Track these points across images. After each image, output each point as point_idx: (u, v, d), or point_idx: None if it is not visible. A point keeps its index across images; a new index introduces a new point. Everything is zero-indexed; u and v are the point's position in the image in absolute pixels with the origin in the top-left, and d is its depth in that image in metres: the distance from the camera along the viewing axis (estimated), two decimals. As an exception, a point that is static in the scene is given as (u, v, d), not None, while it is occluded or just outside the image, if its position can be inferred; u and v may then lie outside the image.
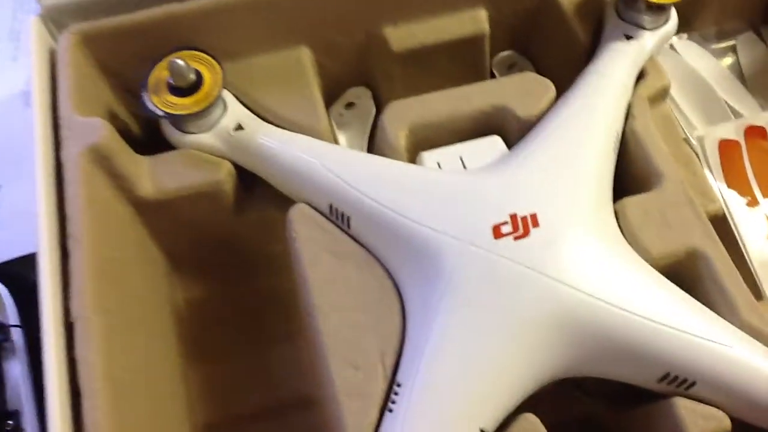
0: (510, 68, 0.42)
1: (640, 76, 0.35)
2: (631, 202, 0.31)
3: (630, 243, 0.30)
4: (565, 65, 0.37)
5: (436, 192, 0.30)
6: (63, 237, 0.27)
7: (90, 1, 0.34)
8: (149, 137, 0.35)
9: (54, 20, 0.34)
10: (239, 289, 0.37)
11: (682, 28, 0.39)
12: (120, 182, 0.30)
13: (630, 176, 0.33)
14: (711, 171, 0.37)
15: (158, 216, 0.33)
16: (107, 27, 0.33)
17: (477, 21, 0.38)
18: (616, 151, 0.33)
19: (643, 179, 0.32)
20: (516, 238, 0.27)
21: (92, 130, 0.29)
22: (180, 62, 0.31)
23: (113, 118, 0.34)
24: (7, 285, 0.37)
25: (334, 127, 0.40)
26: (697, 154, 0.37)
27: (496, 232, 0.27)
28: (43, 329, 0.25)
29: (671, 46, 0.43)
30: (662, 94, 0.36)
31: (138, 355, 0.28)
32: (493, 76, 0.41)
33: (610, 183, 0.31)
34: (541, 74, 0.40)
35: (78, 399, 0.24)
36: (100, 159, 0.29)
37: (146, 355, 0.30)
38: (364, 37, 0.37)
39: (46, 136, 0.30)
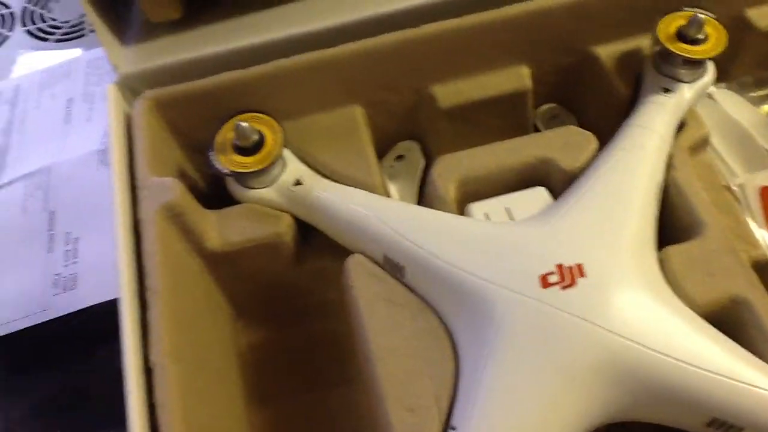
0: (552, 120, 0.43)
1: (680, 127, 0.36)
2: (674, 250, 0.32)
3: (674, 291, 0.31)
4: (606, 117, 0.39)
5: (484, 243, 0.31)
6: (141, 289, 0.30)
7: (160, 68, 0.37)
8: (215, 193, 0.37)
9: (129, 86, 0.37)
10: (298, 334, 0.39)
11: (719, 77, 0.40)
12: (191, 236, 0.33)
13: (673, 225, 0.34)
14: (753, 217, 0.38)
15: (224, 267, 0.35)
16: (177, 92, 0.36)
17: (520, 77, 0.40)
18: (659, 201, 0.34)
19: (686, 228, 0.33)
20: (563, 288, 0.29)
21: (166, 189, 0.32)
22: (244, 125, 0.33)
23: (182, 176, 0.37)
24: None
25: (385, 178, 0.42)
26: (738, 201, 0.38)
27: (544, 282, 0.29)
28: (126, 373, 0.27)
29: (709, 96, 0.44)
30: (702, 144, 0.37)
31: (209, 400, 0.30)
32: (536, 128, 0.43)
33: (654, 233, 0.33)
34: (583, 126, 0.42)
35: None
36: (174, 216, 0.32)
37: (216, 399, 0.32)
38: (413, 95, 0.39)
39: (124, 195, 0.32)
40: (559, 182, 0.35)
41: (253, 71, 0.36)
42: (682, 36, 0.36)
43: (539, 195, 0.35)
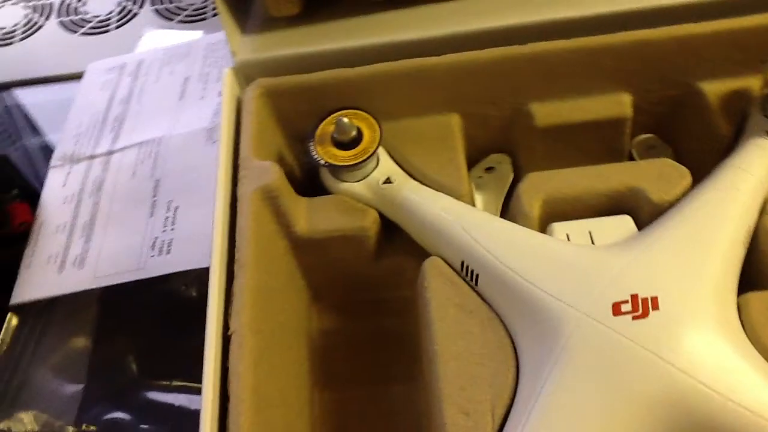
0: (649, 150, 0.43)
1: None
2: (754, 297, 0.31)
3: (750, 339, 0.30)
4: (705, 154, 0.38)
5: (561, 262, 0.32)
6: (231, 260, 0.32)
7: (274, 59, 0.39)
8: (309, 181, 0.39)
9: (243, 73, 0.40)
10: (368, 327, 0.41)
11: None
12: (282, 219, 0.35)
13: (757, 272, 0.33)
14: None
15: (308, 252, 0.37)
16: (287, 83, 0.38)
17: (621, 105, 0.40)
18: (747, 245, 0.33)
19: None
20: (634, 318, 0.29)
21: (265, 172, 0.34)
22: (345, 120, 0.35)
23: (282, 162, 0.39)
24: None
25: (473, 187, 0.43)
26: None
27: (616, 309, 0.29)
28: (207, 337, 0.29)
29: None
30: (803, 191, 0.36)
31: (278, 374, 0.32)
32: (631, 156, 0.43)
33: (736, 276, 0.32)
34: (680, 160, 0.42)
35: (227, 403, 0.28)
36: (269, 198, 0.34)
37: (285, 374, 0.33)
38: (510, 110, 0.40)
39: (227, 173, 0.34)
40: (647, 213, 0.35)
41: (359, 71, 0.38)
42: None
43: (624, 223, 0.35)
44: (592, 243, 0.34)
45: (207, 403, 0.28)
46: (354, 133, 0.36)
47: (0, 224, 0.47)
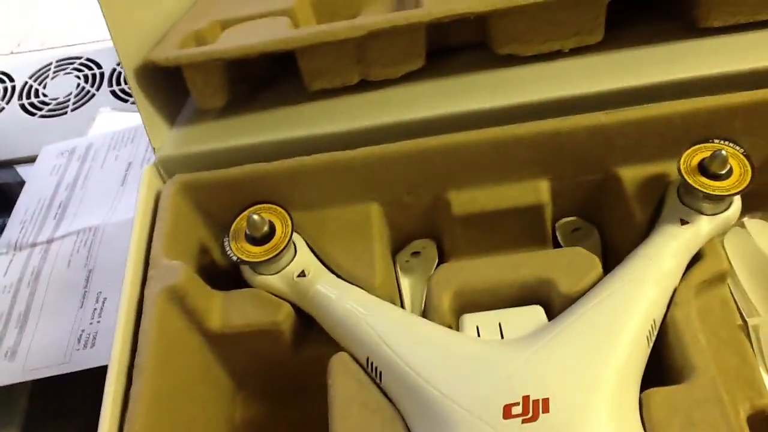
0: (574, 232, 0.43)
1: (697, 258, 0.36)
2: (656, 393, 0.31)
3: (651, 436, 0.30)
4: (627, 237, 0.38)
5: (460, 361, 0.32)
6: (133, 360, 0.32)
7: (196, 154, 0.40)
8: (236, 270, 0.40)
9: (166, 167, 0.40)
10: (292, 414, 0.41)
11: (757, 206, 0.39)
12: (193, 316, 0.35)
13: (664, 366, 0.33)
14: (764, 362, 0.36)
15: (225, 345, 0.37)
16: (206, 179, 0.39)
17: (537, 191, 0.40)
18: (652, 338, 0.33)
19: (675, 371, 0.32)
20: (524, 421, 0.29)
21: (173, 272, 0.34)
22: (255, 217, 0.36)
23: (204, 253, 0.40)
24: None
25: (400, 271, 0.43)
26: (751, 343, 0.37)
27: (506, 412, 0.29)
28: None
29: (742, 225, 0.43)
30: (720, 278, 0.36)
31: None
32: (556, 238, 0.43)
33: (639, 372, 0.32)
34: (606, 241, 0.42)
35: None
36: (176, 298, 0.34)
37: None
38: (430, 199, 0.41)
39: (136, 274, 0.35)
40: (557, 304, 0.35)
41: (277, 165, 0.39)
42: (704, 169, 0.35)
43: (535, 314, 0.35)
44: (501, 335, 0.34)
45: None
46: (265, 228, 0.36)
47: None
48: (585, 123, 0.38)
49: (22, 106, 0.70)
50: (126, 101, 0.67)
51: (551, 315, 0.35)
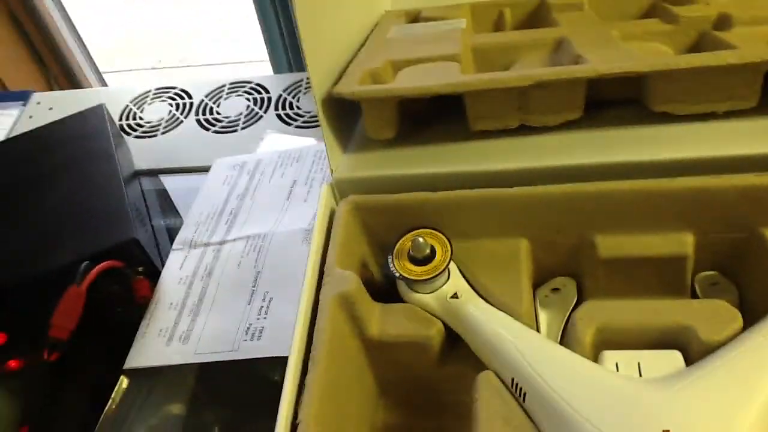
0: (712, 287, 0.44)
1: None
2: (792, 446, 0.32)
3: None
4: (766, 298, 0.40)
5: (603, 392, 0.34)
6: (307, 355, 0.37)
7: (367, 178, 0.45)
8: (390, 285, 0.44)
9: (339, 187, 0.45)
10: (429, 425, 0.44)
11: None
12: (356, 322, 0.40)
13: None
14: None
15: (378, 352, 0.41)
16: (375, 201, 0.44)
17: (682, 243, 0.42)
18: (791, 394, 0.34)
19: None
20: (664, 453, 0.31)
21: (345, 281, 0.39)
22: (420, 240, 0.40)
23: (365, 268, 0.45)
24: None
25: (538, 305, 0.46)
26: None
27: (647, 443, 0.31)
28: (278, 424, 0.33)
29: None
30: None
31: (338, 462, 0.36)
32: (694, 291, 0.45)
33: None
34: (744, 299, 0.43)
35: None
36: (345, 304, 0.39)
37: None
38: (575, 240, 0.43)
39: (313, 278, 0.40)
40: (696, 351, 0.37)
41: (439, 195, 0.43)
42: None
43: (673, 358, 0.37)
44: (640, 374, 0.37)
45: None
46: (427, 251, 0.40)
47: (125, 297, 0.55)
48: (735, 182, 0.40)
49: (198, 122, 0.78)
50: (290, 125, 0.74)
51: (689, 362, 0.37)
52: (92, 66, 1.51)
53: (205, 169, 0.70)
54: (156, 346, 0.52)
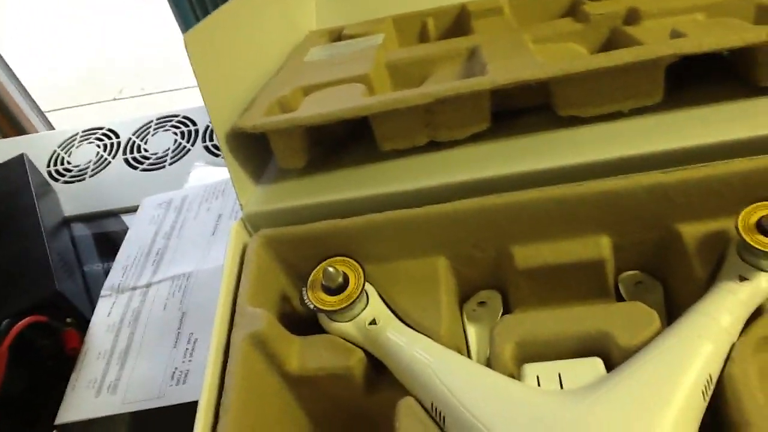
0: (637, 286, 0.44)
1: (757, 314, 0.36)
2: (711, 447, 0.32)
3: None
4: (688, 293, 0.40)
5: (520, 409, 0.34)
6: (219, 399, 0.36)
7: (279, 210, 0.44)
8: (314, 316, 0.43)
9: (252, 222, 0.45)
10: (368, 455, 0.43)
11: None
12: (273, 360, 0.39)
13: (720, 421, 0.34)
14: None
15: (302, 387, 0.40)
16: (287, 233, 0.43)
17: (599, 247, 0.42)
18: (708, 394, 0.34)
19: (732, 427, 0.33)
20: (579, 471, 0.30)
21: (256, 319, 0.38)
22: (331, 269, 0.39)
23: (285, 300, 0.44)
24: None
25: (467, 320, 0.45)
26: (815, 401, 0.37)
27: (561, 463, 0.31)
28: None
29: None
30: (781, 334, 0.37)
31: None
32: (619, 292, 0.44)
33: (694, 425, 0.33)
34: (669, 295, 0.43)
35: None
36: (259, 342, 0.38)
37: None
38: (494, 253, 0.43)
39: (223, 320, 0.39)
40: (616, 357, 0.37)
41: (351, 221, 0.42)
42: (762, 227, 0.36)
43: (594, 366, 0.36)
44: (561, 385, 0.36)
45: None
46: (340, 280, 0.40)
47: (55, 350, 0.53)
48: (644, 182, 0.40)
49: (126, 161, 0.77)
50: (217, 155, 0.73)
51: (610, 367, 0.36)
52: (34, 107, 1.48)
53: (134, 210, 0.69)
54: (86, 398, 0.50)
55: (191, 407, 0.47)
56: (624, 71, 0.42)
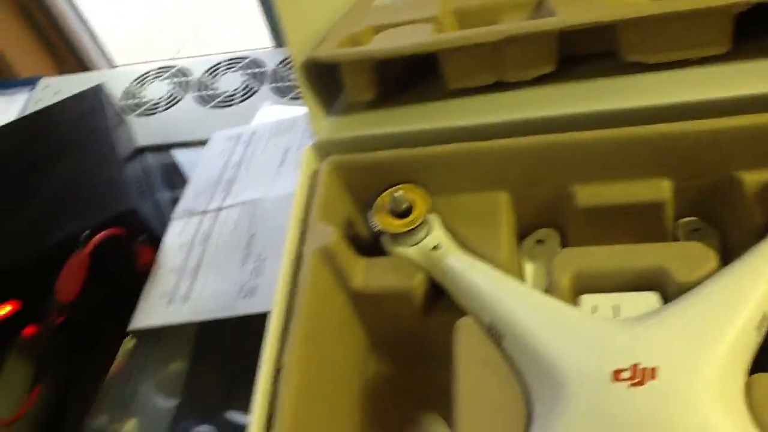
0: (693, 233, 0.45)
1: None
2: (762, 378, 0.33)
3: (753, 417, 0.32)
4: (747, 240, 0.40)
5: (576, 330, 0.35)
6: (290, 307, 0.38)
7: (348, 139, 0.46)
8: (377, 242, 0.45)
9: (322, 149, 0.47)
10: (419, 374, 0.45)
11: None
12: (339, 275, 0.41)
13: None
14: None
15: (364, 304, 0.43)
16: (356, 160, 0.45)
17: (659, 189, 0.42)
18: (763, 330, 0.35)
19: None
20: (631, 385, 0.32)
21: (326, 235, 0.40)
22: (398, 194, 0.41)
23: (350, 226, 0.46)
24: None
25: (524, 258, 0.47)
26: None
27: (616, 376, 0.32)
28: (261, 369, 0.35)
29: None
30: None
31: (322, 406, 0.37)
32: (675, 238, 0.45)
33: (746, 357, 0.34)
34: (725, 243, 0.44)
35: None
36: (327, 257, 0.40)
37: (331, 407, 0.39)
38: (555, 191, 0.44)
39: (295, 234, 0.41)
40: (672, 292, 0.38)
41: (418, 151, 0.44)
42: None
43: (649, 299, 0.38)
44: (616, 316, 0.37)
45: (254, 426, 0.34)
46: (406, 205, 0.42)
47: (129, 263, 0.57)
48: (707, 126, 0.40)
49: (196, 98, 0.80)
50: (285, 96, 0.76)
51: (665, 302, 0.38)
52: (104, 57, 1.54)
53: (204, 143, 0.72)
54: (158, 307, 0.54)
55: (257, 318, 0.50)
56: (693, 17, 0.42)
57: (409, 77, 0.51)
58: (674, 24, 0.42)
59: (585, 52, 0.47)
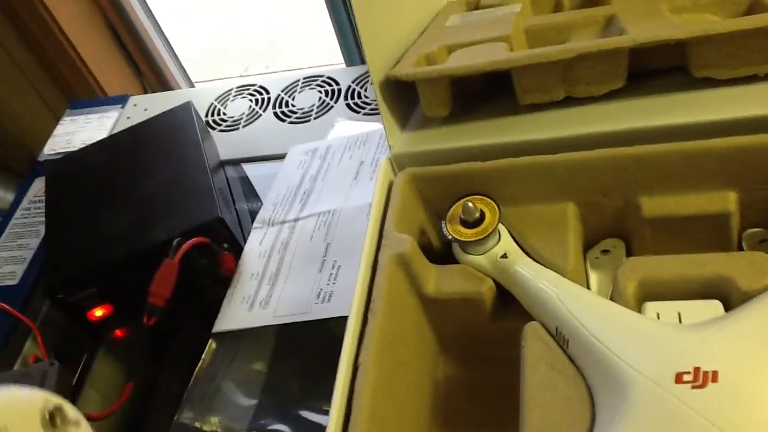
0: (760, 244, 0.46)
1: None
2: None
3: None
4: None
5: (640, 335, 0.37)
6: (367, 310, 0.41)
7: (422, 152, 0.49)
8: (447, 250, 0.47)
9: (397, 162, 0.50)
10: (486, 376, 0.47)
11: None
12: (413, 281, 0.44)
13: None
14: None
15: (435, 309, 0.45)
16: (430, 172, 0.48)
17: (725, 201, 0.43)
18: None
19: None
20: (693, 387, 0.33)
21: (401, 243, 0.43)
22: (470, 204, 0.43)
23: (422, 235, 0.49)
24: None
25: (589, 267, 0.48)
26: None
27: (678, 378, 0.33)
28: (339, 367, 0.38)
29: None
30: None
31: (397, 403, 0.40)
32: (741, 249, 0.46)
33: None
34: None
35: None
36: (402, 263, 0.43)
37: (404, 405, 0.41)
38: (621, 202, 0.46)
39: (372, 242, 0.44)
40: (736, 301, 0.39)
41: (488, 164, 0.46)
42: None
43: (713, 307, 0.39)
44: (680, 322, 0.39)
45: (333, 421, 0.36)
46: (477, 215, 0.44)
47: (213, 269, 0.61)
48: (773, 139, 0.42)
49: (275, 114, 0.85)
50: (358, 112, 0.79)
51: (728, 311, 0.39)
52: (184, 75, 1.61)
53: (281, 157, 0.76)
54: (240, 311, 0.58)
55: (334, 322, 0.53)
56: (763, 34, 0.43)
57: (482, 93, 0.53)
58: (745, 40, 0.43)
59: (656, 68, 0.49)
